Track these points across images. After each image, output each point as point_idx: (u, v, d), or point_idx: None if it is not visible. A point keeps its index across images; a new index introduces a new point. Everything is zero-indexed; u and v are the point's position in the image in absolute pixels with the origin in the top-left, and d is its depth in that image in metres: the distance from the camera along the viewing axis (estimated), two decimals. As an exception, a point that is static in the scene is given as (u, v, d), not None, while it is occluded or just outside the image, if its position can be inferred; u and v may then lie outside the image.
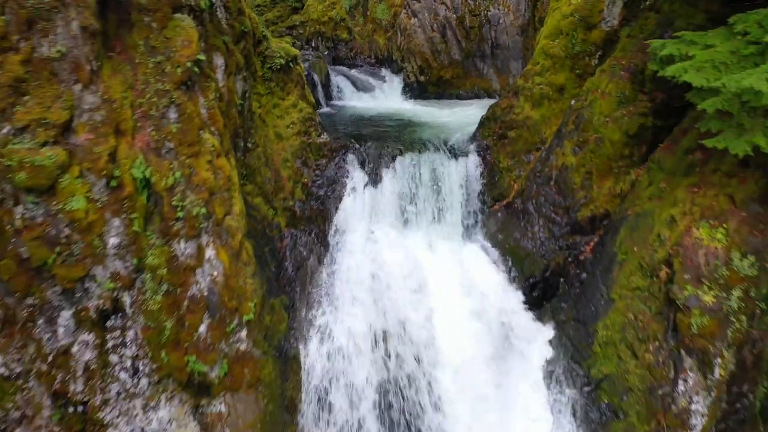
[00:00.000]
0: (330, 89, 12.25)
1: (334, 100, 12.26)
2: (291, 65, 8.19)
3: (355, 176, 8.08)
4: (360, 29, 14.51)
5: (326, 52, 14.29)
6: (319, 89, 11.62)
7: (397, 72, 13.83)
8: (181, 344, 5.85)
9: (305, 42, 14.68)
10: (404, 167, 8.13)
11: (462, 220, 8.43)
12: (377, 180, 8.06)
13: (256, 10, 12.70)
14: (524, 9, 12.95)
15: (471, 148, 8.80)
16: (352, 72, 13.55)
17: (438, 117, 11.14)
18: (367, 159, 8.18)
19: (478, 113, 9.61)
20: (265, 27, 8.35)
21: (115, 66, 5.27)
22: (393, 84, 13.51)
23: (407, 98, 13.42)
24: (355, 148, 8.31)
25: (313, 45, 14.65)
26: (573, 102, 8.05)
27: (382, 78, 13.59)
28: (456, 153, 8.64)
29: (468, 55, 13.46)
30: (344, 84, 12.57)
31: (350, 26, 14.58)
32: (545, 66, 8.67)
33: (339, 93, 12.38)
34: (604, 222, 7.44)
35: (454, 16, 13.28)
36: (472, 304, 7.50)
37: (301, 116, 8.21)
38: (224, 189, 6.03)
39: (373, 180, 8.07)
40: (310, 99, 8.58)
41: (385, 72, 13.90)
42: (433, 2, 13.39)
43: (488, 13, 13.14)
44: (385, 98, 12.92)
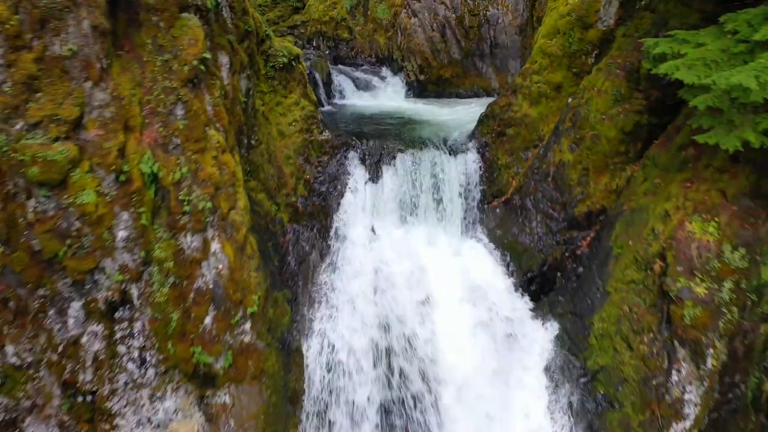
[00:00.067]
0: (331, 88, 12.28)
1: (336, 99, 12.30)
2: (293, 64, 8.30)
3: (357, 173, 8.18)
4: (361, 29, 14.55)
5: (327, 52, 14.30)
6: (321, 88, 11.67)
7: (398, 71, 13.86)
8: (187, 336, 5.94)
9: (306, 41, 14.70)
10: (405, 164, 8.22)
11: (461, 216, 8.52)
12: (378, 177, 8.16)
13: (258, 10, 12.76)
14: (522, 9, 12.97)
15: (470, 146, 8.88)
16: (353, 71, 13.58)
17: (438, 115, 11.19)
18: (368, 156, 8.26)
19: (477, 111, 9.67)
20: (267, 26, 8.46)
21: (124, 64, 5.40)
22: (393, 83, 13.52)
23: (407, 97, 13.44)
24: (357, 146, 8.40)
25: (315, 44, 14.67)
26: (570, 100, 8.13)
27: (383, 77, 13.61)
28: (455, 150, 8.72)
29: (467, 55, 13.48)
30: (345, 83, 12.61)
31: (351, 26, 14.61)
32: (543, 65, 8.76)
33: (340, 92, 12.40)
34: (601, 217, 7.56)
35: (454, 16, 13.30)
36: (472, 299, 7.62)
37: (304, 114, 8.32)
38: (229, 184, 6.15)
39: (374, 177, 8.17)
40: (312, 97, 8.66)
41: (386, 71, 13.92)
42: (433, 2, 13.42)
43: (487, 13, 13.16)
44: (386, 97, 12.94)
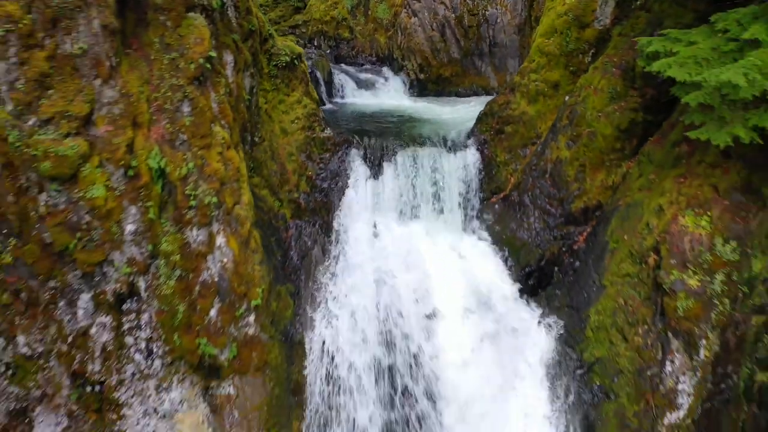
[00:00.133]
0: (332, 87, 12.39)
1: (337, 98, 12.41)
2: (296, 63, 8.44)
3: (358, 170, 8.29)
4: (361, 28, 14.66)
5: (328, 51, 14.39)
6: (322, 87, 11.79)
7: (398, 70, 13.96)
8: (193, 327, 6.07)
9: (308, 41, 14.78)
10: (405, 161, 8.34)
11: (460, 212, 8.64)
12: (379, 173, 8.28)
13: (260, 10, 12.91)
14: (521, 8, 13.08)
15: (469, 143, 8.99)
16: (354, 70, 13.66)
17: (437, 113, 11.30)
18: (369, 153, 8.38)
19: (477, 110, 9.76)
20: (270, 26, 8.61)
21: (133, 62, 5.55)
22: (394, 82, 13.61)
23: (407, 96, 13.53)
24: (358, 143, 8.51)
25: (316, 44, 14.77)
26: (567, 98, 8.25)
27: (383, 76, 13.68)
28: (455, 148, 8.83)
29: (467, 54, 13.59)
30: (346, 82, 12.71)
31: (352, 25, 14.72)
32: (541, 63, 8.87)
33: (341, 90, 12.50)
34: (597, 213, 7.69)
35: (453, 16, 13.41)
36: (472, 292, 7.77)
37: (306, 112, 8.46)
38: (234, 179, 6.30)
39: (375, 173, 8.29)
40: (314, 95, 8.78)
41: (386, 70, 13.99)
42: (433, 2, 13.52)
43: (486, 13, 13.27)
44: (386, 96, 13.04)
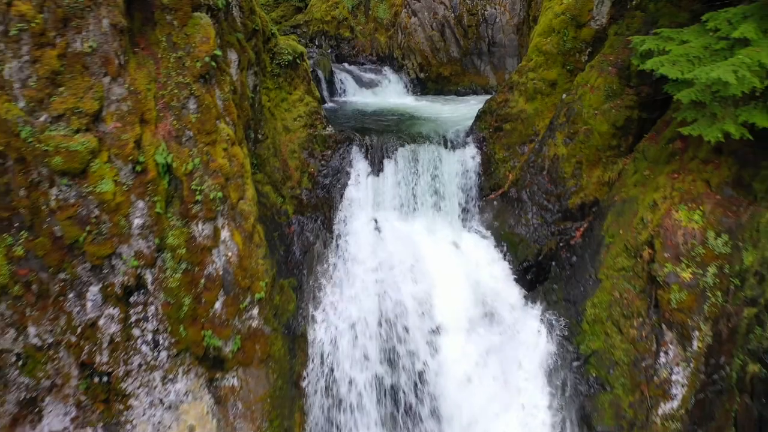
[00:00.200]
0: (334, 85, 12.53)
1: (338, 96, 12.55)
2: (298, 61, 8.59)
3: (359, 166, 8.41)
4: (362, 28, 14.81)
5: (330, 50, 14.52)
6: (324, 85, 11.94)
7: (398, 69, 14.11)
8: (198, 320, 6.22)
9: (309, 40, 14.93)
10: (405, 158, 8.46)
11: (459, 208, 8.76)
12: (380, 170, 8.41)
13: (262, 10, 13.04)
14: (519, 8, 13.23)
15: (468, 141, 9.12)
16: (355, 69, 13.79)
17: (437, 112, 11.44)
18: (370, 150, 8.50)
19: (476, 108, 9.89)
20: (273, 25, 8.75)
21: (140, 60, 5.70)
22: (394, 81, 13.75)
23: (408, 94, 13.69)
24: (359, 140, 8.62)
25: (317, 43, 14.92)
26: (564, 96, 8.38)
27: (384, 75, 13.82)
28: (454, 145, 8.95)
29: (466, 53, 13.74)
30: (347, 80, 12.84)
31: (352, 25, 14.87)
32: (538, 62, 9.01)
33: (342, 89, 12.65)
34: (593, 209, 7.84)
35: (453, 15, 13.56)
36: (470, 286, 7.92)
37: (308, 110, 8.61)
38: (238, 175, 6.44)
39: (376, 170, 8.42)
40: (316, 94, 8.93)
41: (387, 69, 14.13)
42: (433, 2, 13.67)
43: (485, 13, 13.42)
44: (387, 94, 13.19)
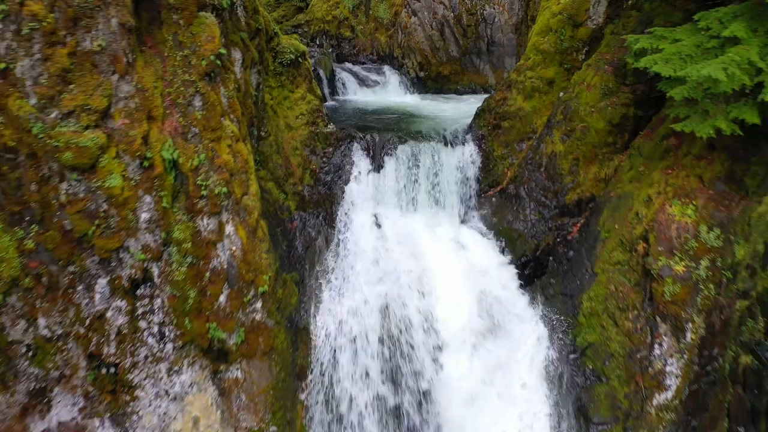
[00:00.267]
0: (335, 84, 12.66)
1: (339, 95, 12.67)
2: (300, 60, 8.72)
3: (360, 163, 8.55)
4: (362, 28, 14.94)
5: (330, 50, 14.64)
6: (325, 84, 12.07)
7: (398, 68, 14.24)
8: (203, 312, 6.35)
9: (310, 40, 15.06)
10: (405, 155, 8.60)
11: (459, 205, 8.92)
12: (380, 167, 8.55)
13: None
14: (518, 8, 13.36)
15: (467, 138, 9.27)
16: (356, 68, 13.90)
17: (437, 110, 11.57)
18: (371, 147, 8.64)
19: (475, 107, 10.02)
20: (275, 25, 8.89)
21: (147, 59, 5.84)
22: (394, 79, 13.86)
23: (408, 93, 13.81)
24: (360, 138, 8.76)
25: (318, 43, 15.05)
26: (561, 94, 8.53)
27: (384, 74, 13.92)
28: (454, 142, 9.09)
29: (465, 52, 13.86)
30: (348, 79, 12.97)
31: (353, 25, 14.99)
32: (536, 61, 9.16)
33: (343, 88, 12.77)
34: (590, 204, 7.99)
35: (452, 15, 13.69)
36: (470, 281, 8.07)
37: (309, 108, 8.75)
38: (242, 171, 6.58)
39: (377, 167, 8.56)
40: (318, 92, 9.04)
41: (387, 68, 14.23)
42: (432, 1, 13.80)
43: (484, 12, 13.55)
44: (387, 93, 13.32)
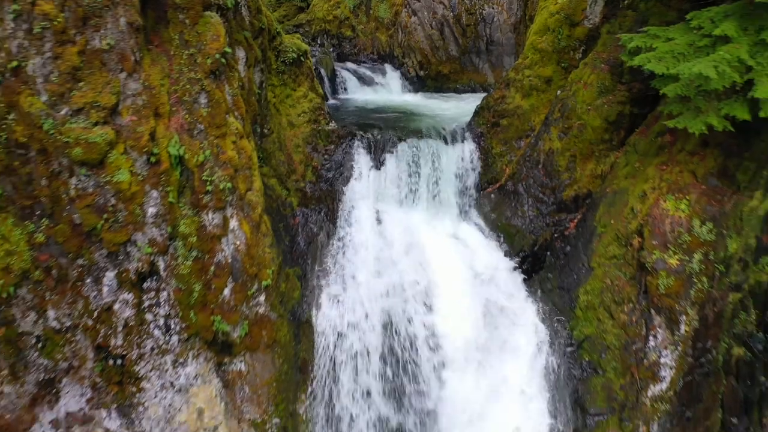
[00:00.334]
0: (336, 83, 12.79)
1: (340, 94, 12.80)
2: (302, 59, 8.87)
3: (361, 160, 8.67)
4: (363, 27, 15.09)
5: (331, 49, 14.76)
6: (326, 83, 12.19)
7: (398, 67, 14.38)
8: (208, 305, 6.50)
9: (311, 39, 15.20)
10: (405, 152, 8.71)
11: (458, 201, 9.06)
12: (381, 164, 8.67)
13: (265, 9, 13.31)
14: (516, 8, 13.52)
15: (467, 136, 9.39)
16: (356, 67, 14.03)
17: (436, 109, 11.72)
18: (372, 145, 8.77)
19: (474, 105, 10.13)
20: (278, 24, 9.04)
21: (154, 57, 5.99)
22: (394, 78, 14.01)
23: (408, 92, 13.96)
24: (361, 135, 8.88)
25: (319, 42, 15.20)
26: (559, 92, 8.68)
27: (384, 73, 14.05)
28: (453, 140, 9.21)
29: (464, 51, 14.01)
30: (349, 78, 13.09)
31: (354, 24, 15.14)
32: (534, 60, 9.30)
33: (344, 87, 12.90)
34: (587, 200, 8.14)
35: (452, 15, 13.84)
36: (469, 276, 8.22)
37: (311, 106, 8.90)
38: (246, 167, 6.73)
39: (377, 164, 8.68)
40: (319, 90, 9.20)
41: (387, 67, 14.36)
42: (432, 1, 13.96)
43: (483, 12, 13.70)
44: (387, 92, 13.46)
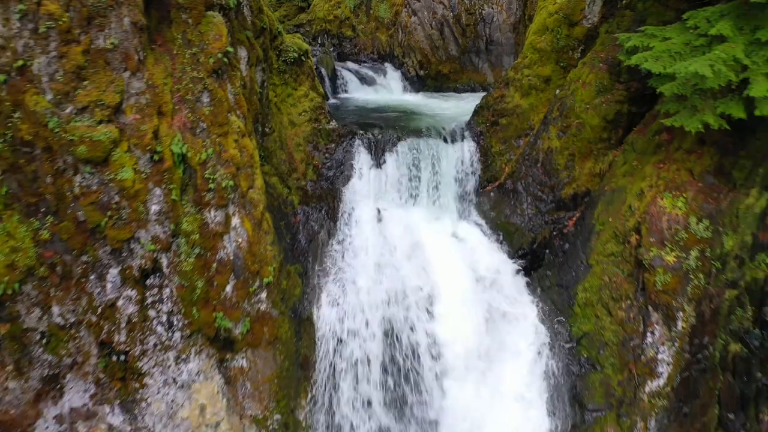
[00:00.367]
0: (336, 83, 12.87)
1: (340, 93, 12.88)
2: (303, 59, 8.94)
3: (361, 159, 8.74)
4: (363, 27, 15.17)
5: (332, 49, 14.86)
6: (327, 82, 12.26)
7: (398, 67, 14.47)
8: (210, 302, 6.56)
9: (312, 39, 15.28)
10: (406, 151, 8.78)
11: (458, 200, 9.13)
12: (381, 162, 8.75)
13: (266, 9, 13.39)
14: (515, 8, 13.61)
15: (466, 135, 9.46)
16: (357, 67, 14.11)
17: (436, 108, 11.79)
18: (372, 144, 8.84)
19: (473, 104, 10.21)
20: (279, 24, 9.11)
21: (157, 56, 6.06)
22: (394, 78, 14.09)
23: (408, 91, 14.04)
24: (361, 134, 8.95)
25: (320, 42, 15.28)
26: (558, 91, 8.76)
27: (385, 72, 14.13)
28: (453, 139, 9.28)
29: (464, 51, 14.09)
30: (349, 78, 13.17)
31: (354, 24, 15.22)
32: (533, 59, 9.38)
33: (344, 86, 12.98)
34: (585, 198, 8.20)
35: (451, 15, 13.93)
36: (469, 273, 8.29)
37: (312, 105, 8.97)
38: (248, 165, 6.80)
39: (378, 162, 8.76)
40: (320, 90, 9.27)
41: (387, 67, 14.44)
42: (432, 1, 14.04)
43: (482, 12, 13.79)
44: (387, 91, 13.53)
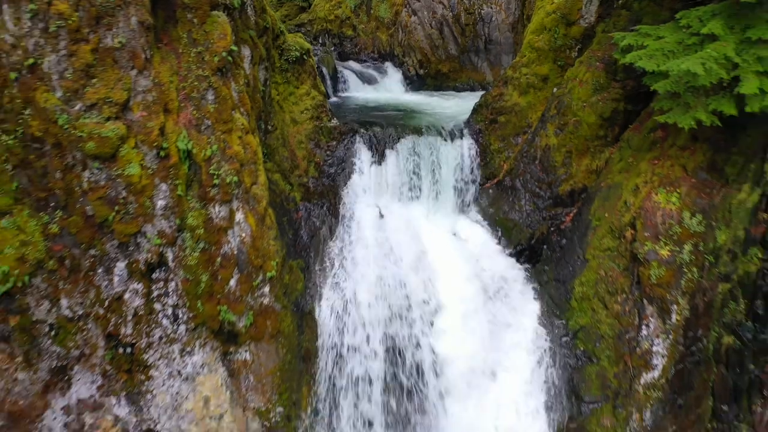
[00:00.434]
0: (337, 81, 13.01)
1: (341, 92, 13.02)
2: (305, 58, 9.09)
3: (362, 156, 8.87)
4: (364, 27, 15.31)
5: (333, 48, 15.02)
6: (328, 81, 12.39)
7: (399, 66, 14.61)
8: (215, 296, 6.70)
9: (313, 38, 15.42)
10: (406, 149, 8.93)
11: (457, 196, 9.27)
12: (382, 160, 8.88)
13: (268, 9, 13.53)
14: (514, 8, 13.75)
15: (465, 133, 9.59)
16: (357, 66, 14.27)
17: (436, 106, 11.93)
18: (373, 141, 8.98)
19: (472, 103, 10.33)
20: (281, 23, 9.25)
21: (164, 55, 6.21)
22: (395, 77, 14.24)
23: (408, 90, 14.19)
24: (362, 132, 9.08)
25: (321, 41, 15.43)
26: (555, 90, 8.90)
27: (385, 71, 14.30)
28: (452, 137, 9.41)
29: (463, 50, 14.24)
30: (350, 77, 13.32)
31: (355, 24, 15.36)
32: (531, 58, 9.53)
33: (345, 85, 13.13)
34: (582, 195, 8.36)
35: (451, 14, 14.07)
36: (468, 269, 8.44)
37: (314, 103, 9.12)
38: (252, 161, 6.95)
39: (378, 160, 8.89)
40: (321, 88, 9.41)
41: (388, 66, 14.60)
42: (432, 1, 14.18)
43: (482, 12, 13.94)
44: (388, 90, 13.68)
